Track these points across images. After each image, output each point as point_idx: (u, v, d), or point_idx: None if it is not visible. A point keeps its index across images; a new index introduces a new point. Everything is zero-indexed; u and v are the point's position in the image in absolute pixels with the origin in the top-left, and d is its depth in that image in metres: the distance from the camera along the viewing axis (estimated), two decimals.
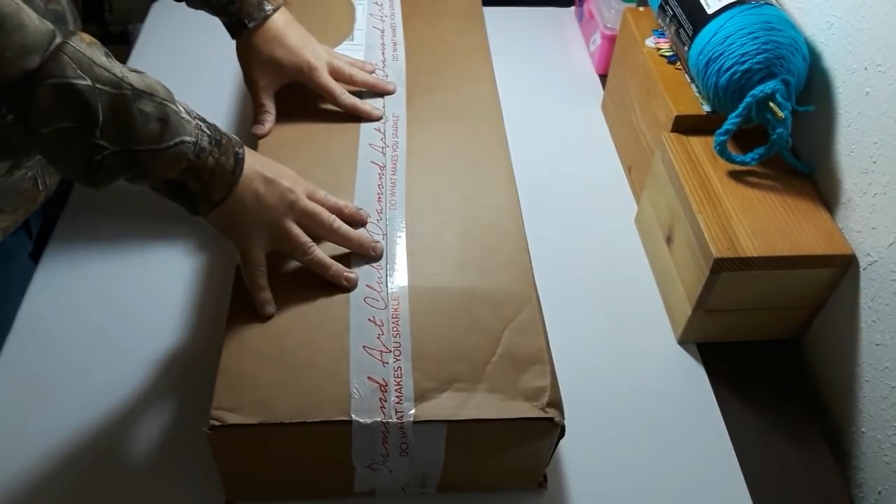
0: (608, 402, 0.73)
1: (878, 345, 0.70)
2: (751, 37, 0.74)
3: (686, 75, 0.86)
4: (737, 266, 0.71)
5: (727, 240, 0.71)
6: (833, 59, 0.75)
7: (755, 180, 0.77)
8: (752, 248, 0.71)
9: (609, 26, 1.06)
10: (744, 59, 0.74)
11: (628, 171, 0.95)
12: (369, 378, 0.58)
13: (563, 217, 0.90)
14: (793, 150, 0.78)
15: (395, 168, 0.74)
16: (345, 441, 0.57)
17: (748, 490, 0.68)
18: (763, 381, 0.77)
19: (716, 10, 0.78)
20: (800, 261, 0.71)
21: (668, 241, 0.80)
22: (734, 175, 0.78)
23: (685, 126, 0.82)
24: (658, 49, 0.90)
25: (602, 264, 0.86)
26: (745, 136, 0.78)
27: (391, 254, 0.67)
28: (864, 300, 0.71)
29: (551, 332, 0.64)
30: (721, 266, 0.70)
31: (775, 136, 0.75)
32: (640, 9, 0.96)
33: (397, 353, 0.60)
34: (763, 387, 0.76)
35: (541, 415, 0.58)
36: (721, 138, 0.76)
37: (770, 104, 0.74)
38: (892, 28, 0.66)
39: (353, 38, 0.88)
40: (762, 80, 0.74)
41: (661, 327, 0.80)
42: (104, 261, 0.81)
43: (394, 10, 0.93)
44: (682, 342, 0.79)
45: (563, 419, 0.58)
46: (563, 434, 0.59)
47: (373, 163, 0.74)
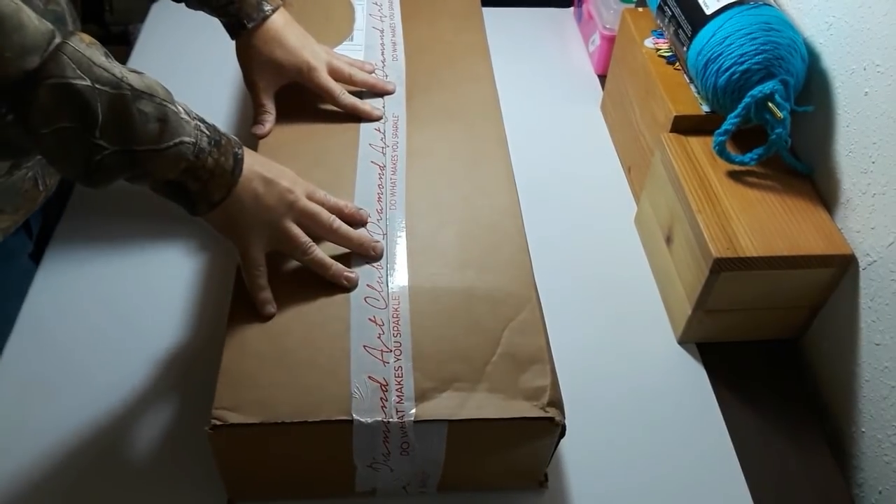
0: (608, 401, 0.73)
1: (877, 344, 0.70)
2: (749, 37, 0.75)
3: (685, 76, 0.86)
4: (736, 266, 0.71)
5: (727, 240, 0.71)
6: (832, 60, 0.75)
7: (754, 180, 0.78)
8: (751, 248, 0.71)
9: (608, 27, 1.06)
10: (743, 59, 0.74)
11: (628, 171, 0.95)
12: (370, 377, 0.58)
13: (562, 217, 0.90)
14: (792, 151, 0.79)
15: (395, 168, 0.74)
16: (346, 440, 0.57)
17: (748, 490, 0.68)
18: (763, 381, 0.77)
19: (714, 10, 0.78)
20: (799, 261, 0.71)
21: (668, 241, 0.80)
22: (733, 175, 0.78)
23: (684, 126, 0.82)
24: (657, 49, 0.90)
25: (602, 264, 0.86)
26: (745, 137, 0.78)
27: (391, 253, 0.67)
28: (864, 300, 0.71)
29: (551, 332, 0.64)
30: (721, 266, 0.71)
31: (774, 137, 0.75)
32: (639, 9, 0.96)
33: (398, 353, 0.60)
34: (763, 386, 0.76)
35: (541, 414, 0.58)
36: (720, 138, 0.76)
37: (769, 104, 0.74)
38: (891, 28, 0.66)
39: (352, 39, 0.88)
40: (761, 81, 0.74)
41: (660, 327, 0.80)
42: (105, 261, 0.81)
43: (393, 10, 0.93)
44: (682, 342, 0.79)
45: (564, 418, 0.58)
46: (563, 433, 0.59)
47: (373, 163, 0.74)
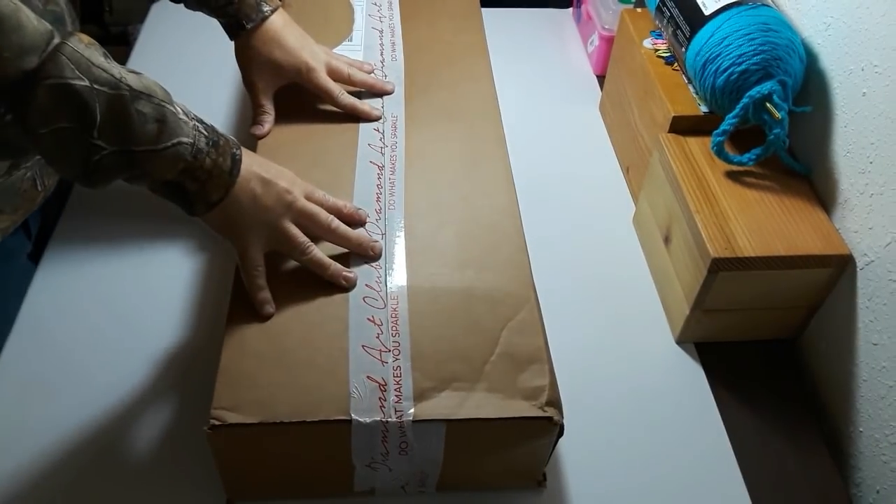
0: (607, 401, 0.73)
1: (875, 344, 0.70)
2: (748, 38, 0.75)
3: (683, 76, 0.86)
4: (734, 266, 0.71)
5: (724, 240, 0.72)
6: (830, 60, 0.76)
7: (752, 181, 0.78)
8: (749, 248, 0.71)
9: (607, 27, 1.06)
10: (741, 60, 0.75)
11: (626, 171, 0.96)
12: (368, 377, 0.58)
13: (561, 217, 0.90)
14: (790, 151, 0.79)
15: (394, 168, 0.74)
16: (344, 440, 0.57)
17: (746, 489, 0.68)
18: (761, 381, 0.77)
19: (713, 11, 0.78)
20: (797, 261, 0.71)
21: (666, 241, 0.80)
22: (731, 175, 0.78)
23: (683, 127, 0.82)
24: (656, 50, 0.90)
25: (600, 264, 0.86)
26: (743, 137, 0.79)
27: (390, 253, 0.67)
28: (862, 300, 0.71)
29: (550, 332, 0.64)
30: (718, 266, 0.71)
31: (772, 137, 0.75)
32: (638, 10, 0.96)
33: (396, 353, 0.60)
34: (761, 386, 0.76)
35: (539, 414, 0.58)
36: (718, 139, 0.76)
37: (767, 105, 0.74)
38: (889, 29, 0.66)
39: (351, 39, 0.88)
40: (759, 81, 0.74)
41: (659, 327, 0.80)
42: (104, 261, 0.81)
43: (392, 10, 0.93)
44: (680, 342, 0.79)
45: (562, 418, 0.58)
46: (561, 433, 0.60)
47: (371, 163, 0.74)
